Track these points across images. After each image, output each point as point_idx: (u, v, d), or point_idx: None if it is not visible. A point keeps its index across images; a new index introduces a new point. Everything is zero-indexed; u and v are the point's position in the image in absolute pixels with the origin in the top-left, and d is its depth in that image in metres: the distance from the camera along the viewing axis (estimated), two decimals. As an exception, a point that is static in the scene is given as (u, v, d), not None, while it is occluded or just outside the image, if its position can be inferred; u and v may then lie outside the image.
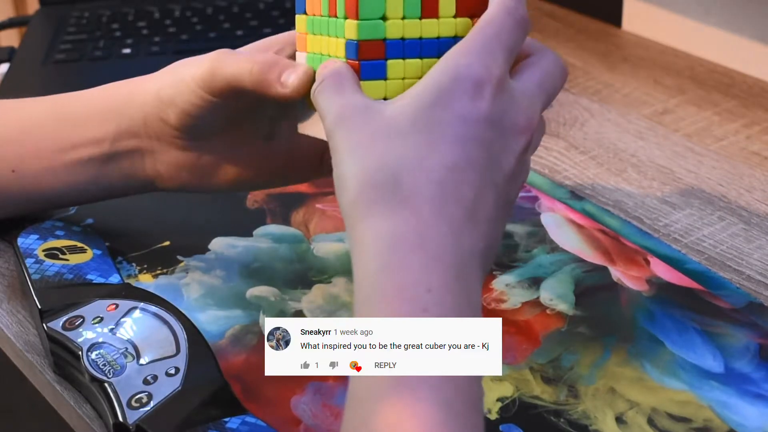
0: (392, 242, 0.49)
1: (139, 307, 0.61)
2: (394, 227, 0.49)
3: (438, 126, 0.51)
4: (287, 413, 0.57)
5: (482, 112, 0.51)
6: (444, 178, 0.50)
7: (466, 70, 0.52)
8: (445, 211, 0.50)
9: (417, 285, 0.48)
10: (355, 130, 0.52)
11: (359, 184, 0.50)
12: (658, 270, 0.67)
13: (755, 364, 0.60)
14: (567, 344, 0.62)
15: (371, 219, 0.50)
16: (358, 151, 0.51)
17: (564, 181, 0.78)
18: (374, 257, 0.49)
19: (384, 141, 0.51)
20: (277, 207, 0.75)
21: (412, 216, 0.49)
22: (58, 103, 0.68)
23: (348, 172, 0.51)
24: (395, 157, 0.50)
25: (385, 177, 0.50)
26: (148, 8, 1.04)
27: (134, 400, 0.55)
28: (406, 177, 0.50)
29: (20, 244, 0.67)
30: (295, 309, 0.65)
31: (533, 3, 1.10)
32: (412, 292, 0.48)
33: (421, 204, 0.49)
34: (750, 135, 0.84)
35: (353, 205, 0.51)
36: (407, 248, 0.49)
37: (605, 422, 0.56)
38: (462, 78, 0.52)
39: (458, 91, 0.52)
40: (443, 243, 0.49)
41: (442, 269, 0.48)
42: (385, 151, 0.51)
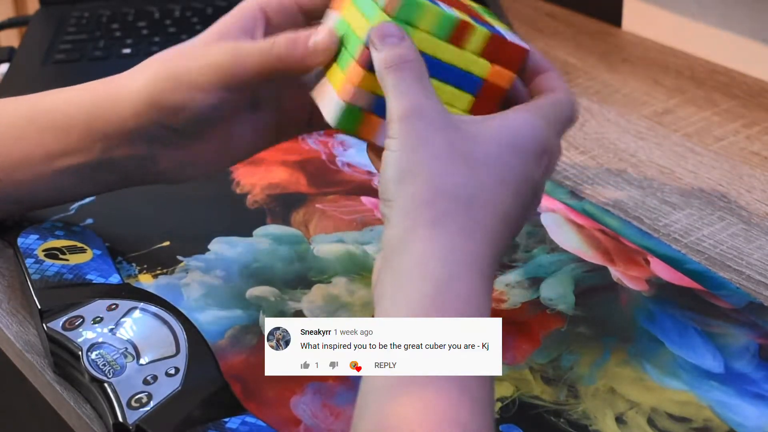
0: (461, 258, 0.51)
1: (139, 307, 0.61)
2: (465, 246, 0.51)
3: (510, 171, 0.54)
4: (287, 413, 0.57)
5: (536, 177, 0.56)
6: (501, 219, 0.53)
7: (540, 133, 0.56)
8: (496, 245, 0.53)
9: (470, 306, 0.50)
10: (434, 130, 0.53)
11: (432, 190, 0.52)
12: (658, 270, 0.67)
13: (755, 364, 0.60)
14: (567, 344, 0.62)
15: (443, 230, 0.51)
16: (436, 154, 0.52)
17: (564, 181, 0.78)
18: (440, 267, 0.50)
19: (465, 158, 0.53)
20: (277, 207, 0.75)
21: (480, 242, 0.52)
22: (37, 110, 0.66)
23: (417, 169, 0.52)
24: (474, 179, 0.53)
25: (463, 194, 0.52)
26: (148, 8, 1.04)
27: (134, 400, 0.55)
28: (482, 205, 0.53)
29: (20, 244, 0.67)
30: (295, 309, 0.65)
31: (533, 3, 1.10)
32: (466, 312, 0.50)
33: (487, 233, 0.52)
34: (750, 135, 0.84)
35: (419, 208, 0.52)
36: (473, 268, 0.51)
37: (605, 422, 0.56)
38: (536, 138, 0.55)
39: (530, 148, 0.55)
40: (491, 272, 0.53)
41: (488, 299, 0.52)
42: (465, 169, 0.53)
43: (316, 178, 0.78)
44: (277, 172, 0.79)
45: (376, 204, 0.75)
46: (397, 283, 0.50)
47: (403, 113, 0.53)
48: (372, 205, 0.75)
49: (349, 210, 0.74)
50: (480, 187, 0.53)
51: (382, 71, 0.55)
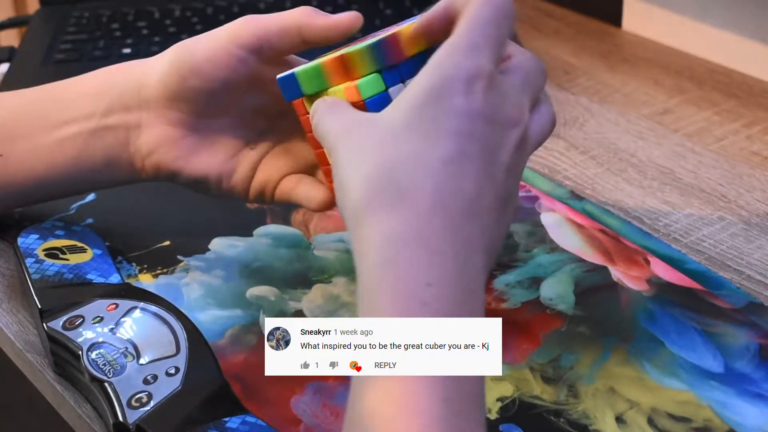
0: (392, 237, 0.49)
1: (139, 306, 0.61)
2: (394, 224, 0.49)
3: (432, 123, 0.51)
4: (287, 413, 0.57)
5: (475, 107, 0.51)
6: (440, 171, 0.50)
7: (456, 68, 0.52)
8: (443, 204, 0.50)
9: (417, 279, 0.48)
10: (353, 140, 0.53)
11: (360, 188, 0.51)
12: (658, 270, 0.67)
13: (755, 364, 0.60)
14: (567, 344, 0.62)
15: (372, 218, 0.50)
16: (357, 158, 0.52)
17: (564, 181, 0.78)
18: (375, 254, 0.49)
19: (380, 144, 0.52)
20: (277, 207, 0.75)
21: (410, 211, 0.49)
22: (55, 86, 0.69)
23: (348, 179, 0.52)
24: (391, 156, 0.51)
25: (383, 177, 0.50)
26: (148, 8, 1.04)
27: (134, 399, 0.55)
28: (403, 174, 0.50)
29: (20, 243, 0.67)
30: (295, 309, 0.65)
31: (533, 3, 1.10)
32: (412, 286, 0.48)
33: (420, 199, 0.50)
34: (750, 135, 0.84)
35: (354, 210, 0.51)
36: (406, 243, 0.49)
37: (605, 422, 0.56)
38: (452, 76, 0.51)
39: (450, 89, 0.51)
40: (442, 236, 0.49)
41: (442, 263, 0.48)
42: (382, 153, 0.51)
43: (316, 177, 0.78)
44: (277, 171, 0.79)
45: (376, 204, 0.75)
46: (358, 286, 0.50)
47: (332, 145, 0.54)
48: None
49: (349, 210, 0.74)
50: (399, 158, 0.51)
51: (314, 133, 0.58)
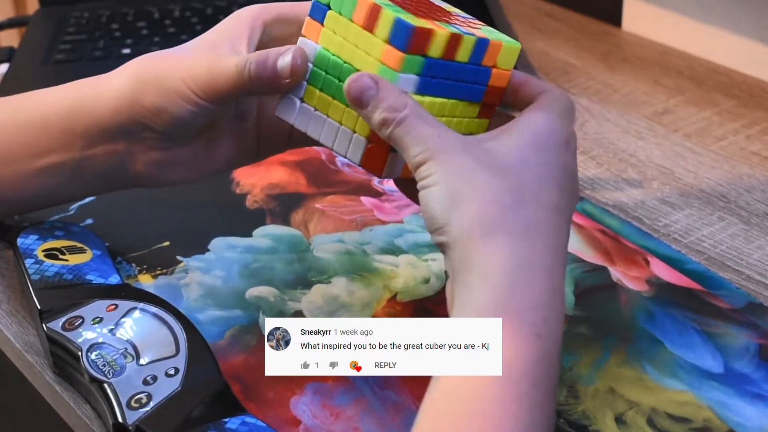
0: (522, 262, 0.51)
1: (139, 307, 0.61)
2: (523, 248, 0.51)
3: (545, 167, 0.54)
4: (287, 413, 0.57)
5: (572, 164, 0.56)
6: (554, 214, 0.54)
7: (558, 125, 0.56)
8: (557, 244, 0.53)
9: (538, 309, 0.51)
10: (460, 156, 0.53)
11: (477, 205, 0.52)
12: (657, 270, 0.67)
13: (755, 364, 0.60)
14: (567, 344, 0.62)
15: (498, 238, 0.51)
16: (471, 176, 0.53)
17: (564, 181, 0.78)
18: (501, 273, 0.51)
19: (498, 169, 0.53)
20: (277, 207, 0.75)
21: (538, 241, 0.52)
22: (21, 108, 0.66)
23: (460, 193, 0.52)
24: (515, 184, 0.53)
25: (509, 200, 0.52)
26: (148, 8, 1.04)
27: (134, 400, 0.55)
28: (529, 206, 0.53)
29: (20, 244, 0.67)
30: (294, 309, 0.65)
31: (533, 3, 1.10)
32: (533, 317, 0.50)
33: (543, 234, 0.52)
34: (750, 135, 0.84)
35: (472, 226, 0.52)
36: (535, 271, 0.51)
37: (605, 422, 0.56)
38: (556, 131, 0.56)
39: (554, 141, 0.55)
40: (558, 277, 0.53)
41: (556, 302, 0.52)
42: (502, 178, 0.53)
43: (315, 178, 0.78)
44: (277, 172, 0.79)
45: (376, 204, 0.75)
46: (465, 299, 0.51)
47: (426, 156, 0.53)
48: (372, 205, 0.75)
49: (348, 210, 0.74)
50: (523, 190, 0.53)
51: (384, 132, 0.55)
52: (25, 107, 0.66)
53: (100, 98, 0.63)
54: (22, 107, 0.66)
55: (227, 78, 0.59)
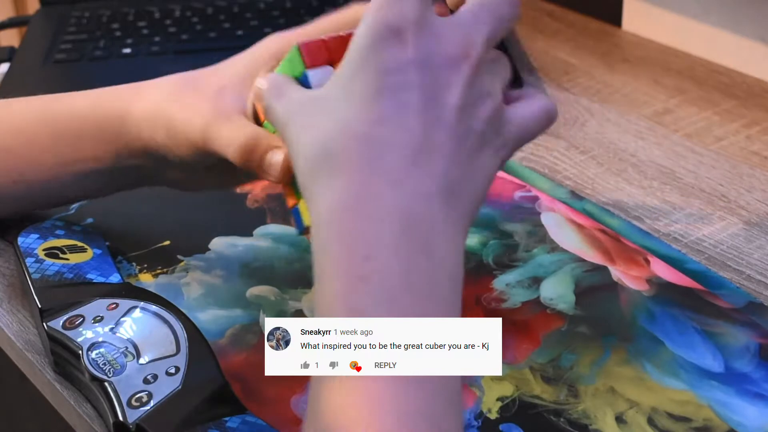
0: (332, 209, 0.48)
1: (139, 306, 0.61)
2: (335, 195, 0.49)
3: (362, 85, 0.50)
4: (287, 413, 0.57)
5: (405, 57, 0.50)
6: (372, 132, 0.49)
7: (381, 22, 0.50)
8: (379, 165, 0.48)
9: (352, 253, 0.47)
10: (297, 121, 0.52)
11: (303, 165, 0.51)
12: (658, 270, 0.67)
13: (755, 363, 0.60)
14: (567, 344, 0.62)
15: (316, 193, 0.50)
16: (299, 135, 0.51)
17: (564, 181, 0.78)
18: (322, 229, 0.49)
19: (316, 117, 0.51)
20: (277, 207, 0.75)
21: (346, 181, 0.49)
22: (48, 115, 0.67)
23: (295, 158, 0.51)
24: (325, 129, 0.50)
25: (320, 151, 0.50)
26: (148, 8, 1.04)
27: (134, 399, 0.55)
28: (334, 144, 0.49)
29: (20, 243, 0.67)
30: (295, 308, 0.65)
31: (533, 3, 1.10)
32: (350, 261, 0.47)
33: (354, 166, 0.49)
34: (750, 135, 0.84)
35: (303, 187, 0.51)
36: (345, 213, 0.48)
37: (605, 422, 0.56)
38: (378, 31, 0.50)
39: (378, 45, 0.50)
40: (381, 198, 0.48)
41: (381, 230, 0.47)
42: (318, 128, 0.51)
43: (316, 177, 0.78)
44: (278, 171, 0.79)
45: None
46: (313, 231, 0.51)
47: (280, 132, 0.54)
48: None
49: (349, 210, 0.74)
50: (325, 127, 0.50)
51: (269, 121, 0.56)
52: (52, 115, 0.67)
53: (124, 123, 0.64)
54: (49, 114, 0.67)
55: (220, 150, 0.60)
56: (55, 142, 0.66)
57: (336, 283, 0.47)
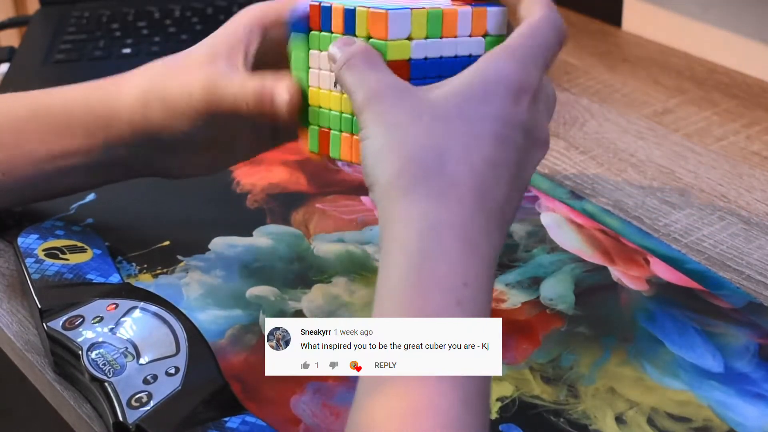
0: (435, 226, 0.49)
1: (139, 306, 0.61)
2: (438, 211, 0.49)
3: (482, 121, 0.51)
4: (287, 413, 0.57)
5: (520, 118, 0.52)
6: (485, 173, 0.51)
7: (511, 74, 0.53)
8: (482, 205, 0.50)
9: (455, 276, 0.48)
10: (394, 107, 0.52)
11: (401, 160, 0.50)
12: (658, 270, 0.67)
13: (755, 364, 0.60)
14: (567, 344, 0.62)
15: (412, 198, 0.49)
16: (400, 128, 0.51)
17: (564, 181, 0.78)
18: (415, 239, 0.49)
19: (428, 122, 0.51)
20: (277, 207, 0.75)
21: (456, 203, 0.49)
22: (39, 108, 0.67)
23: (387, 148, 0.51)
24: (442, 140, 0.50)
25: (431, 157, 0.50)
26: (148, 8, 1.04)
27: (134, 399, 0.55)
28: (452, 162, 0.50)
29: (20, 243, 0.67)
30: (295, 309, 0.65)
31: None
32: (451, 282, 0.48)
33: (465, 193, 0.50)
34: (750, 135, 0.84)
35: (391, 181, 0.50)
36: (450, 236, 0.49)
37: (605, 422, 0.56)
38: (506, 81, 0.52)
39: (501, 92, 0.52)
40: (481, 237, 0.50)
41: (479, 264, 0.49)
42: (430, 132, 0.51)
43: (316, 177, 0.78)
44: (277, 171, 0.79)
45: (376, 204, 0.75)
46: (383, 264, 0.49)
47: (363, 103, 0.52)
48: (372, 204, 0.75)
49: (349, 210, 0.74)
50: (449, 146, 0.50)
51: (338, 76, 0.55)
52: (43, 108, 0.67)
53: (114, 110, 0.65)
54: (40, 108, 0.67)
55: (226, 101, 0.60)
56: (44, 134, 0.66)
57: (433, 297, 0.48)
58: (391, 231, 0.50)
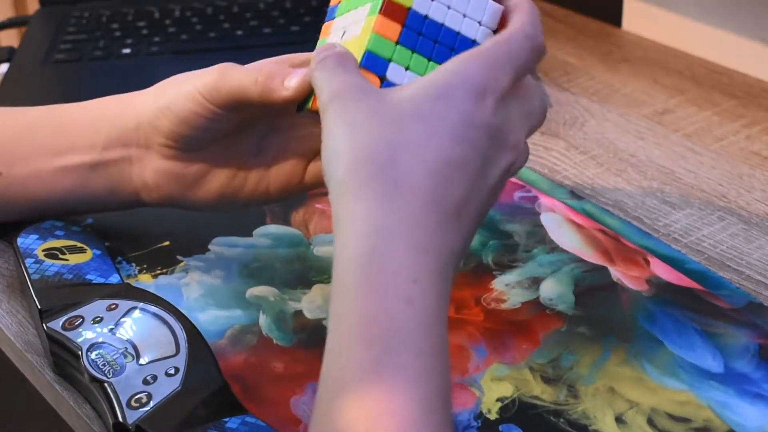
0: (382, 225, 0.48)
1: (139, 307, 0.61)
2: (385, 210, 0.49)
3: (440, 120, 0.51)
4: (287, 413, 0.57)
5: (483, 119, 0.52)
6: (440, 171, 0.50)
7: (475, 75, 0.52)
8: (436, 204, 0.50)
9: (403, 273, 0.48)
10: (353, 106, 0.52)
11: (353, 158, 0.50)
12: (658, 270, 0.67)
13: (755, 364, 0.60)
14: (567, 344, 0.62)
15: (362, 196, 0.49)
16: (356, 127, 0.51)
17: (564, 181, 0.78)
18: (361, 237, 0.48)
19: (384, 121, 0.51)
20: (277, 207, 0.75)
21: (405, 202, 0.49)
22: (54, 110, 0.69)
23: (342, 146, 0.50)
24: (395, 138, 0.50)
25: (383, 155, 0.50)
26: (148, 8, 1.04)
27: (134, 400, 0.55)
28: (404, 161, 0.50)
29: (20, 244, 0.67)
30: (295, 309, 0.65)
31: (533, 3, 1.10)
32: (398, 280, 0.47)
33: (416, 192, 0.49)
34: (750, 135, 0.84)
35: (343, 180, 0.50)
36: (397, 235, 0.48)
37: (605, 422, 0.56)
38: (470, 81, 0.52)
39: (464, 93, 0.52)
40: (432, 236, 0.49)
41: (428, 262, 0.48)
42: (384, 131, 0.50)
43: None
44: (277, 172, 0.79)
45: (376, 204, 0.75)
46: (334, 267, 0.49)
47: (326, 101, 0.52)
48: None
49: (349, 210, 0.74)
50: (404, 144, 0.50)
51: (311, 76, 0.55)
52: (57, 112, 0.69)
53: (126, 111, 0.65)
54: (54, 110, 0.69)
55: (233, 79, 0.61)
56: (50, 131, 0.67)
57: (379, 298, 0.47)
58: (341, 230, 0.49)
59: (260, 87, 0.60)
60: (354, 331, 0.47)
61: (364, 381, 0.45)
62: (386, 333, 0.46)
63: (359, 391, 0.45)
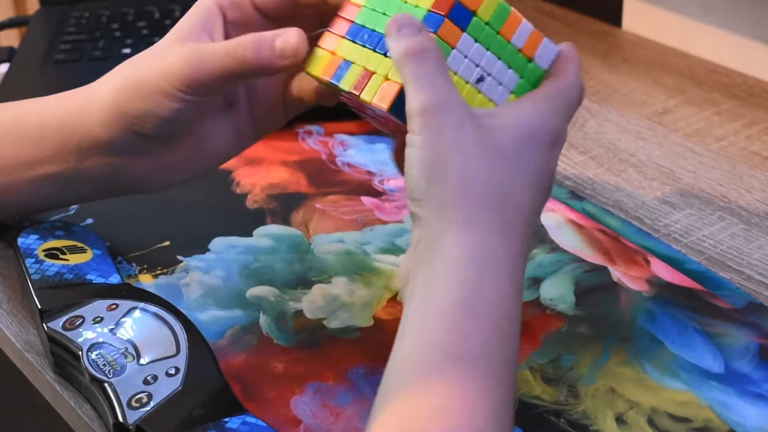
0: (492, 259, 0.51)
1: (139, 307, 0.61)
2: (495, 246, 0.51)
3: (529, 165, 0.54)
4: (287, 413, 0.57)
5: (551, 167, 0.55)
6: (528, 217, 0.54)
7: (551, 121, 0.55)
8: (525, 247, 0.53)
9: (502, 309, 0.50)
10: (459, 127, 0.52)
11: (463, 187, 0.51)
12: (658, 270, 0.67)
13: (755, 364, 0.60)
14: (567, 344, 0.62)
15: (473, 228, 0.51)
16: (464, 154, 0.52)
17: (564, 181, 0.78)
18: (471, 266, 0.50)
19: (488, 155, 0.52)
20: (277, 207, 0.75)
21: (508, 242, 0.52)
22: (17, 117, 0.66)
23: (446, 167, 0.51)
24: (502, 177, 0.52)
25: (492, 193, 0.52)
26: (148, 8, 1.04)
27: (134, 400, 0.55)
28: (508, 202, 0.52)
29: (20, 244, 0.67)
30: (295, 309, 0.65)
31: (533, 3, 1.10)
32: (498, 314, 0.50)
33: (514, 234, 0.52)
34: (750, 135, 0.84)
35: (451, 206, 0.51)
36: (502, 271, 0.51)
37: (605, 422, 0.56)
38: (548, 128, 0.55)
39: (543, 140, 0.54)
40: (522, 276, 0.53)
41: (520, 302, 0.52)
42: (490, 165, 0.52)
43: (316, 178, 0.78)
44: (277, 172, 0.79)
45: (376, 204, 0.75)
46: (430, 284, 0.50)
47: (425, 107, 0.52)
48: (372, 205, 0.75)
49: (349, 210, 0.74)
50: (506, 183, 0.52)
51: (402, 60, 0.53)
52: (18, 119, 0.66)
53: (87, 112, 0.63)
54: (15, 118, 0.66)
55: (213, 65, 0.58)
56: (17, 141, 0.64)
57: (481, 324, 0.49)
58: (445, 256, 0.51)
59: (249, 63, 0.58)
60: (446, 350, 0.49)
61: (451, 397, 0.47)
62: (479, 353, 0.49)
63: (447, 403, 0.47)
